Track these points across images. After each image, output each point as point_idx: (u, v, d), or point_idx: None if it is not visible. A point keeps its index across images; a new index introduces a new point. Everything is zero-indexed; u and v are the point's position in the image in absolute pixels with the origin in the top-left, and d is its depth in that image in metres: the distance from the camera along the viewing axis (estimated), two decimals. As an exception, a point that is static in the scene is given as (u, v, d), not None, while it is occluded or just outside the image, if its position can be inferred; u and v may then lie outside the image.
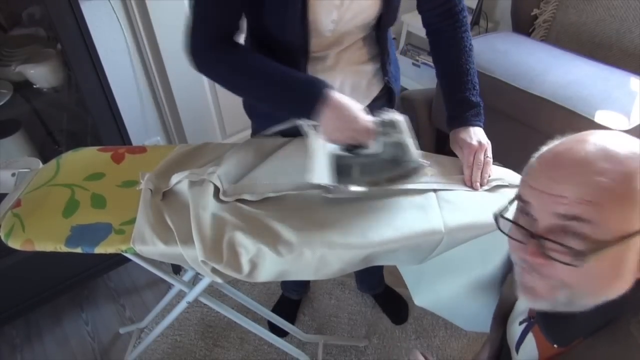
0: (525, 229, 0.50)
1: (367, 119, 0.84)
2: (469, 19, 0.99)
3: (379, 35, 0.98)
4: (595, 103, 1.34)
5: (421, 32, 2.38)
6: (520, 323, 0.68)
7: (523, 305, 0.71)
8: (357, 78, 1.03)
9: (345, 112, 0.82)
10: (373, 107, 1.10)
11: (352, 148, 0.87)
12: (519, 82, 1.47)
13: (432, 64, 2.59)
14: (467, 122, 0.95)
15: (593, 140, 0.49)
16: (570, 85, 1.41)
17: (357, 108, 0.84)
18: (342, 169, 0.87)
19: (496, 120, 1.62)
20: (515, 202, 0.55)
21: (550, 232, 0.48)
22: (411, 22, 2.42)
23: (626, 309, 0.49)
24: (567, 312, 0.52)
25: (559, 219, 0.47)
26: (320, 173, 0.84)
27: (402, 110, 0.94)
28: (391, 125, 0.85)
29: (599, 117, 1.31)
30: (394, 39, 1.10)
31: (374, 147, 0.85)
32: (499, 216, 0.54)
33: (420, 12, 1.01)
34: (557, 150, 0.51)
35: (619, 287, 0.49)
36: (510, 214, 0.55)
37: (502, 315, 0.77)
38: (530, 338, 0.65)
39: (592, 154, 0.47)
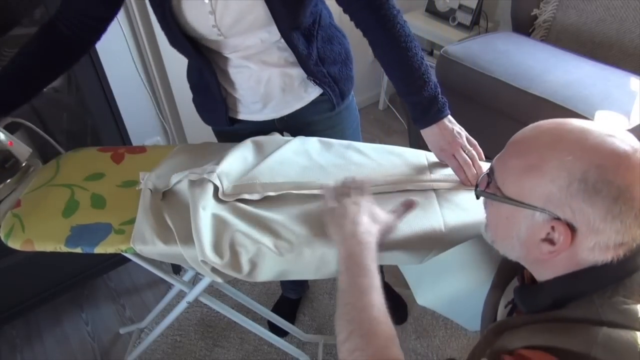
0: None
1: None
2: (398, 11, 0.88)
3: (285, 39, 0.92)
4: (595, 103, 1.34)
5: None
6: (506, 306, 0.73)
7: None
8: (284, 79, 1.01)
9: None
10: (313, 111, 1.08)
11: None
12: (519, 82, 1.47)
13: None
14: (429, 122, 0.91)
15: (546, 122, 0.57)
16: (570, 85, 1.41)
17: None
18: None
19: (496, 120, 1.62)
20: None
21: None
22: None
23: (592, 286, 0.55)
24: (536, 284, 0.61)
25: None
26: None
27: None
28: None
29: (599, 117, 1.31)
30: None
31: None
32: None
33: (345, 13, 0.92)
34: None
35: (517, 249, 0.60)
36: None
37: (501, 283, 0.79)
38: None
39: (528, 131, 0.59)
